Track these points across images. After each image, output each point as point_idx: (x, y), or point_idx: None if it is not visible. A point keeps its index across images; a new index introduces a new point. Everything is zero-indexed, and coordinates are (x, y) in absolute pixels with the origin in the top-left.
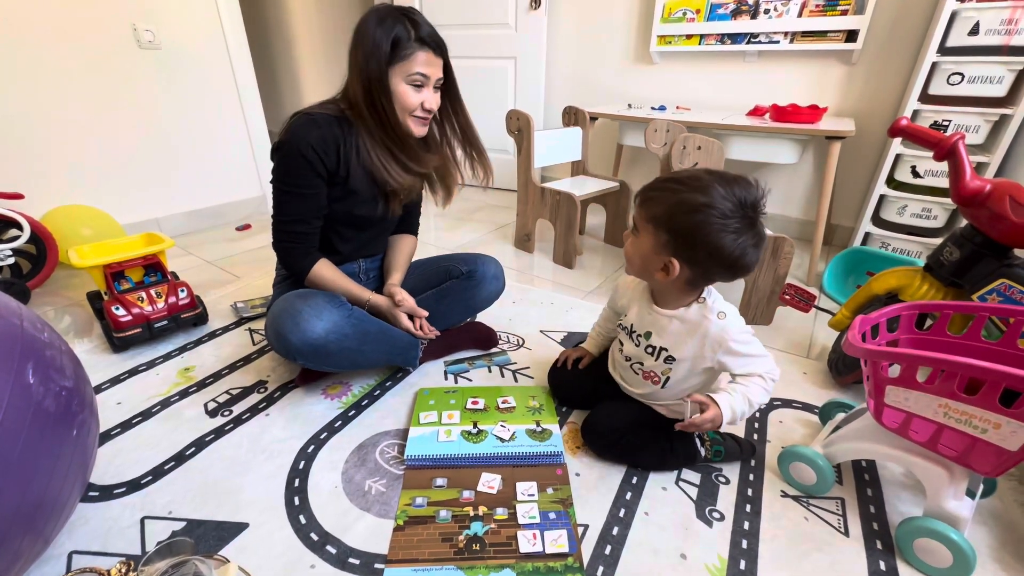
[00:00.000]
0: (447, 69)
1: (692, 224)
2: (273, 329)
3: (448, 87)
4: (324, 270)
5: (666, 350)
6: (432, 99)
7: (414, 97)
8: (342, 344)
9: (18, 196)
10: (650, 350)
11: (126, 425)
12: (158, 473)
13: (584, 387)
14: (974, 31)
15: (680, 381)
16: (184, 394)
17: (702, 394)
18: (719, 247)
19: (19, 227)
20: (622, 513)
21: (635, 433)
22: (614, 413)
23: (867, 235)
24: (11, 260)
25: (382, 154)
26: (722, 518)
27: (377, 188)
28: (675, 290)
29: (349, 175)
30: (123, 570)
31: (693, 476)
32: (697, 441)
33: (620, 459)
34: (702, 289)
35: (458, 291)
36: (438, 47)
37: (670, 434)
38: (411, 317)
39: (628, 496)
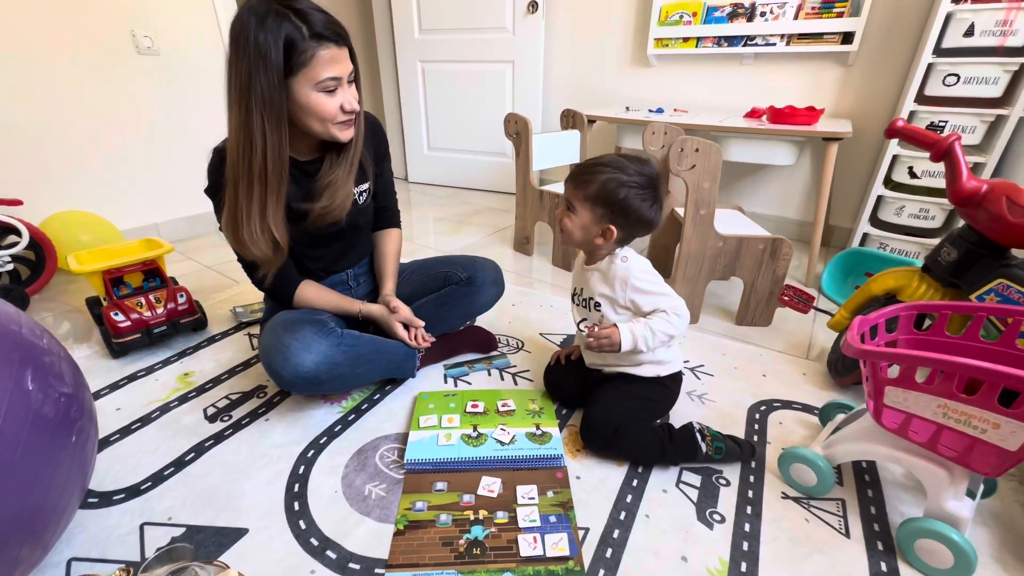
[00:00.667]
0: (354, 60)
1: (621, 197)
2: (265, 363)
3: (356, 79)
4: (308, 292)
5: (592, 298)
6: (351, 97)
7: (331, 104)
8: (334, 372)
9: (17, 203)
10: (584, 303)
11: (125, 431)
12: (157, 479)
13: (578, 384)
14: (969, 32)
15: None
16: (183, 399)
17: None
18: (642, 213)
19: (18, 233)
20: (623, 516)
21: (630, 424)
22: (607, 407)
23: (865, 236)
24: (10, 266)
25: (231, 195)
26: (723, 520)
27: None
28: (605, 250)
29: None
30: None
31: (693, 478)
32: (698, 436)
33: (619, 454)
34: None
35: (457, 297)
36: (339, 37)
37: (667, 426)
38: (407, 326)
39: (629, 499)
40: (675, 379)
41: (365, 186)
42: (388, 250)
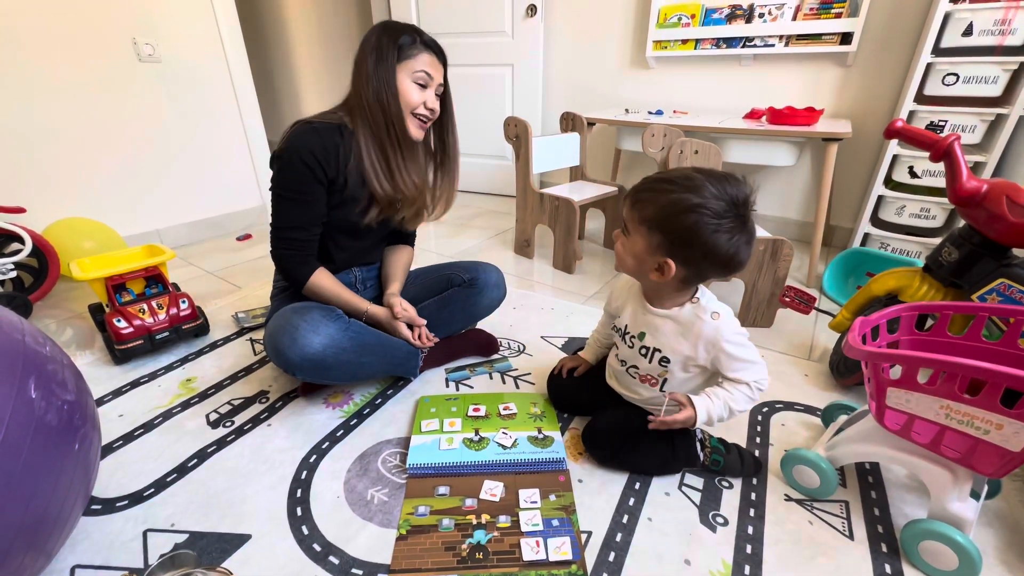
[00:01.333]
0: (446, 81)
1: (687, 225)
2: (271, 345)
3: (444, 99)
4: (323, 279)
5: (660, 351)
6: (433, 100)
7: (417, 95)
8: (340, 358)
9: (20, 210)
10: (644, 351)
11: (128, 437)
12: (160, 485)
13: (582, 395)
14: (968, 32)
15: (679, 383)
16: (186, 405)
17: (684, 394)
18: (714, 247)
19: (21, 241)
20: (625, 519)
21: (635, 441)
22: (613, 422)
23: (866, 236)
24: (13, 274)
25: (377, 154)
26: (726, 523)
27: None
28: (669, 289)
29: (347, 183)
30: None
31: (696, 481)
32: (697, 445)
33: (622, 466)
34: (695, 288)
35: (460, 299)
36: (440, 53)
37: (671, 439)
38: (410, 326)
39: (631, 502)
40: None
41: None
42: (399, 259)
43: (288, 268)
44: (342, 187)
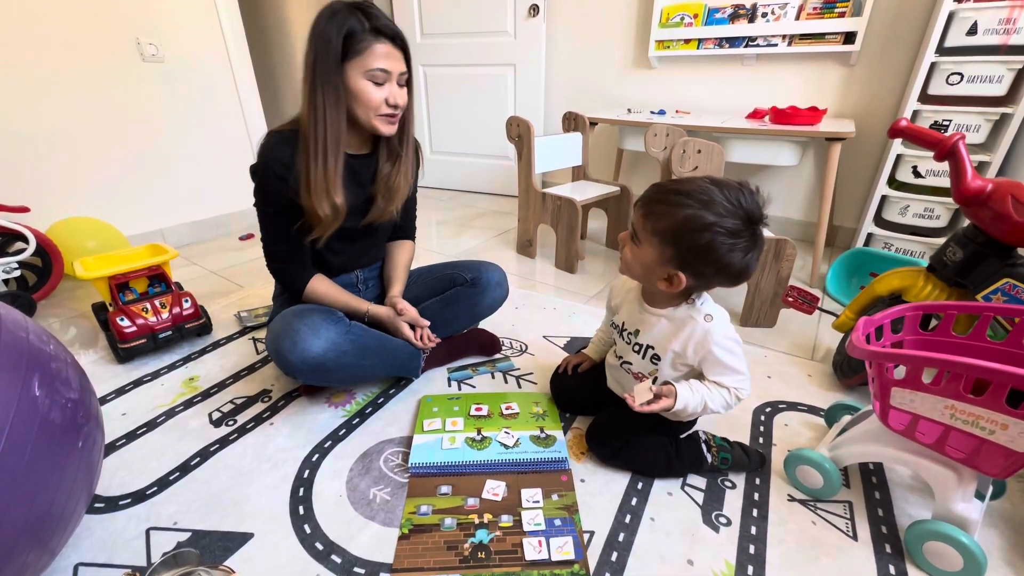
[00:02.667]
0: (409, 65)
1: (701, 243)
2: (273, 348)
3: (408, 84)
4: (320, 286)
5: (652, 348)
6: (399, 94)
7: (376, 94)
8: (341, 360)
9: (24, 209)
10: (637, 348)
11: (131, 436)
12: (163, 484)
13: (585, 393)
14: (972, 31)
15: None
16: (188, 404)
17: (668, 383)
18: (728, 264)
19: (25, 240)
20: (628, 519)
21: (639, 440)
22: (617, 421)
23: (870, 236)
24: (17, 273)
25: (312, 169)
26: (729, 523)
27: (360, 199)
28: (672, 295)
29: None
30: None
31: (699, 481)
32: (704, 447)
33: (626, 466)
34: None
35: (462, 299)
36: (396, 38)
37: (675, 440)
38: (412, 327)
39: (634, 502)
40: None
41: None
42: (400, 258)
43: (285, 280)
44: None
